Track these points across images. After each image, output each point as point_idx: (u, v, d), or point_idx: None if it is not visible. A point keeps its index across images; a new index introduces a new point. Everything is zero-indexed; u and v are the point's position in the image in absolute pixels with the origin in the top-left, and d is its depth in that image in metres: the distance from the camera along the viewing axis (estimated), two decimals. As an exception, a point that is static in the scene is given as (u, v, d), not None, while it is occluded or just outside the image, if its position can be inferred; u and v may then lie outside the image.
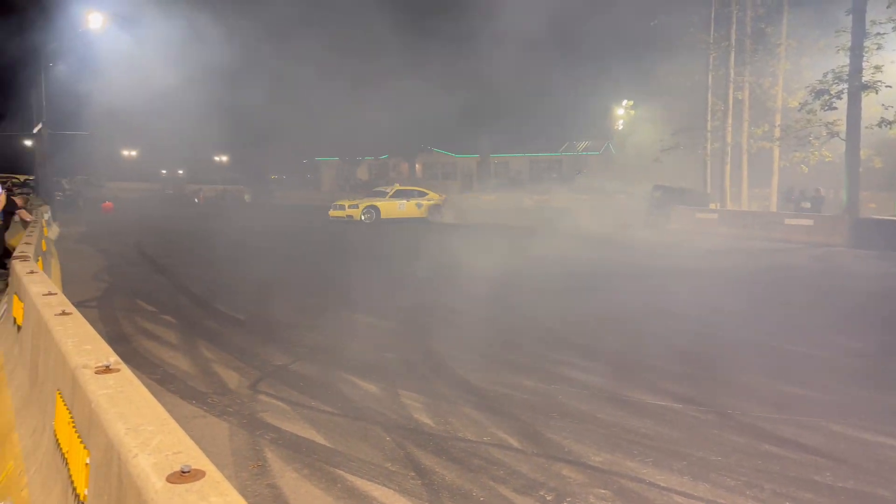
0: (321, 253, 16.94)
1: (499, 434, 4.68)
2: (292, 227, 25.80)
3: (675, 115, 31.38)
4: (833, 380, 6.04)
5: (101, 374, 2.51)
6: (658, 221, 23.73)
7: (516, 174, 53.27)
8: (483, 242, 18.98)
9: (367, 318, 8.67)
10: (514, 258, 15.43)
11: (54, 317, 3.57)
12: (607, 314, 9.06)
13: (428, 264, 13.96)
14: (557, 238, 20.71)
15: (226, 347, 6.98)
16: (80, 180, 36.95)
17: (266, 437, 4.56)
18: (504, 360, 6.63)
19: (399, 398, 5.44)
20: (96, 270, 12.72)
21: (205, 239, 20.14)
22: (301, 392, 5.55)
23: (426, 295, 10.36)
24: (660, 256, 15.89)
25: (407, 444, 4.48)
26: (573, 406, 5.27)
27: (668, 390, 5.68)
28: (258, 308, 9.20)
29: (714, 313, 9.10)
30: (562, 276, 12.58)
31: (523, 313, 9.07)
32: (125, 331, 7.76)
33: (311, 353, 6.83)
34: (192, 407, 5.18)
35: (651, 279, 12.42)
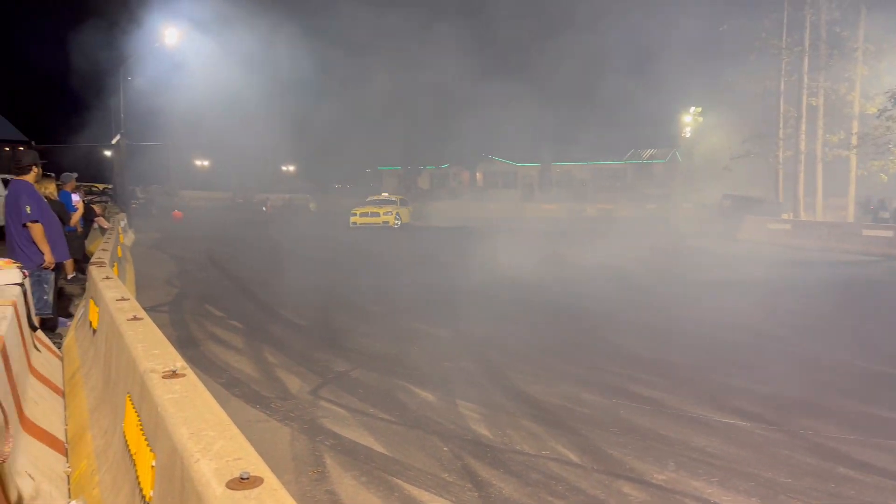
0: (380, 261, 17.11)
1: (558, 448, 4.61)
2: (350, 236, 26.18)
3: (745, 122, 30.44)
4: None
5: (167, 378, 2.59)
6: (727, 231, 23.02)
7: (579, 183, 52.66)
8: (538, 251, 18.80)
9: (425, 326, 8.70)
10: (572, 267, 15.23)
11: (126, 321, 3.71)
12: (672, 327, 8.83)
13: (484, 271, 13.92)
14: (620, 247, 20.34)
15: (288, 353, 7.12)
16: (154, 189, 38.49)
17: (326, 444, 4.62)
18: (564, 372, 6.53)
19: (457, 408, 5.43)
20: (168, 276, 13.19)
21: (270, 246, 20.65)
22: (360, 399, 5.60)
23: (482, 303, 10.32)
24: (729, 268, 15.41)
25: (464, 455, 4.46)
26: (635, 421, 5.14)
27: (736, 407, 5.48)
28: (320, 314, 9.36)
29: (786, 328, 8.75)
30: (625, 287, 12.34)
31: (584, 324, 8.93)
32: (194, 335, 8.02)
33: (370, 360, 6.89)
34: (255, 411, 5.29)
35: (720, 291, 12.04)
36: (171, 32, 28.27)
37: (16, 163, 6.73)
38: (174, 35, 28.31)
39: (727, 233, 22.89)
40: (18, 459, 2.99)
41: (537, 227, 29.55)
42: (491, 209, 43.52)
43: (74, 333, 6.64)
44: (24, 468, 3.00)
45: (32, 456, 3.41)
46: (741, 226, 22.63)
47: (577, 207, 41.68)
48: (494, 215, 41.01)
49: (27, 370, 4.47)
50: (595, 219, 38.79)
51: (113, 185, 34.30)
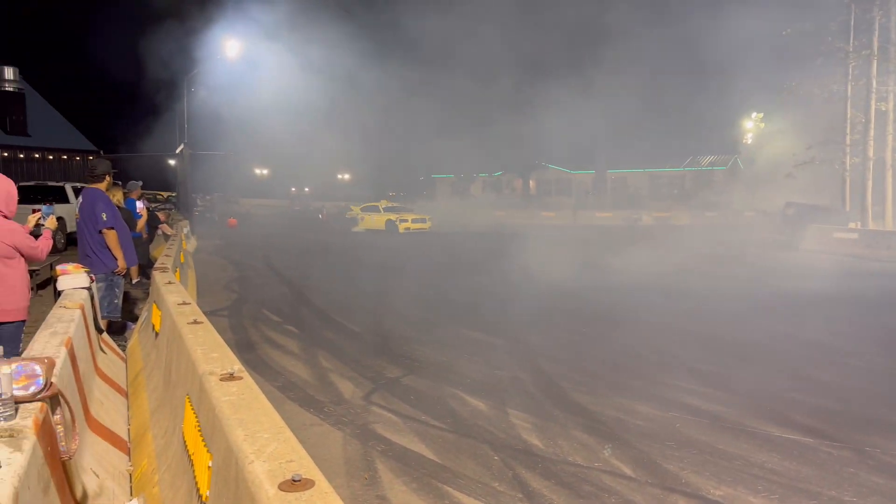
0: (430, 267, 17.17)
1: (611, 461, 4.53)
2: (401, 241, 26.36)
3: (809, 127, 29.41)
4: None
5: (225, 381, 2.65)
6: (790, 241, 22.27)
7: (635, 190, 51.82)
8: (591, 259, 18.55)
9: (477, 334, 8.69)
10: (625, 277, 14.97)
11: (186, 325, 3.82)
12: (731, 339, 8.58)
13: (535, 280, 13.81)
14: (677, 256, 19.91)
15: (342, 358, 7.21)
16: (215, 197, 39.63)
17: (377, 449, 4.65)
18: (618, 383, 6.42)
19: (508, 417, 5.40)
20: (228, 281, 13.55)
21: (325, 253, 20.99)
22: (412, 405, 5.63)
23: (534, 312, 10.25)
24: (792, 278, 14.90)
25: (515, 465, 4.43)
26: (692, 435, 5.01)
27: (799, 423, 5.28)
28: (373, 320, 9.45)
29: (854, 342, 8.41)
30: (682, 298, 12.05)
31: (639, 334, 8.76)
32: (252, 339, 8.20)
33: (422, 367, 6.92)
34: (309, 415, 5.38)
35: (782, 303, 11.66)
36: (233, 44, 29.13)
37: (90, 171, 7.02)
38: (236, 47, 29.17)
39: (790, 242, 22.15)
40: (84, 457, 3.11)
41: (590, 236, 29.21)
42: (543, 217, 43.26)
43: (138, 336, 6.88)
44: (89, 465, 3.12)
45: (97, 454, 3.54)
46: (805, 235, 21.87)
47: (633, 216, 40.98)
48: (547, 223, 40.74)
49: (93, 371, 4.65)
50: (651, 227, 38.10)
51: (176, 193, 35.48)
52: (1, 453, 1.86)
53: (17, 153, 27.98)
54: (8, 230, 4.72)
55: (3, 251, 4.70)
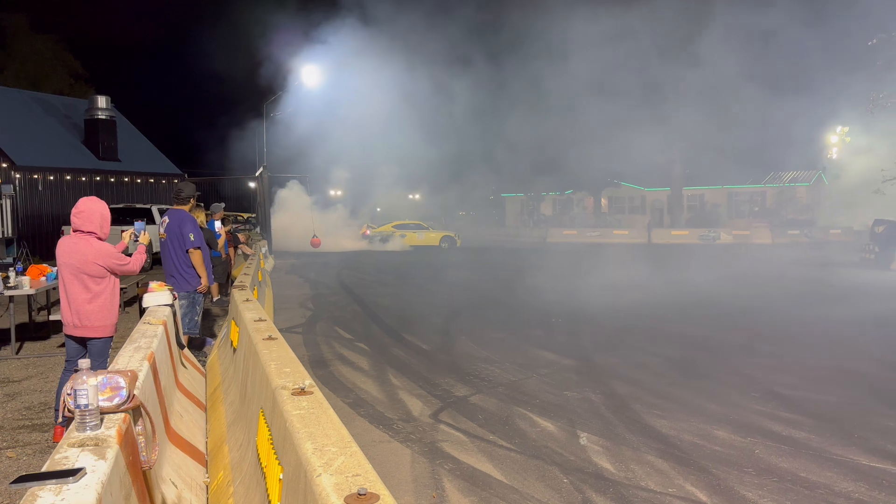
0: (500, 285, 17.10)
1: (686, 486, 4.38)
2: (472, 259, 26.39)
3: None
4: None
5: (296, 395, 2.73)
6: (880, 260, 21.09)
7: (712, 208, 50.23)
8: (669, 277, 18.05)
9: (548, 354, 8.59)
10: (702, 296, 14.51)
11: (262, 341, 3.95)
12: (816, 363, 8.18)
13: (608, 300, 13.56)
14: (760, 276, 19.18)
15: (411, 376, 7.27)
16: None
17: (445, 467, 4.66)
18: (694, 407, 6.22)
19: (578, 439, 5.31)
20: (303, 299, 13.90)
21: (396, 271, 21.25)
22: (480, 425, 5.61)
23: (607, 332, 10.06)
24: (881, 300, 14.10)
25: (585, 489, 4.35)
26: (772, 462, 4.80)
27: (889, 451, 4.98)
28: (442, 339, 9.50)
29: (951, 367, 7.88)
30: (763, 319, 11.59)
31: (718, 357, 8.47)
32: (325, 355, 8.38)
33: (490, 386, 6.90)
34: (379, 432, 5.44)
35: (868, 326, 11.04)
36: (311, 70, 30.11)
37: (176, 194, 7.38)
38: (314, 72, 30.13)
39: (880, 262, 20.97)
40: (164, 467, 3.25)
41: (664, 254, 28.49)
42: (615, 235, 42.51)
43: (217, 352, 7.14)
44: (168, 476, 3.26)
45: (176, 465, 3.69)
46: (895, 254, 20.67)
47: (710, 233, 39.76)
48: (620, 241, 39.99)
49: (174, 385, 4.86)
50: (730, 245, 36.86)
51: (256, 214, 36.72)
52: (86, 460, 1.97)
53: (109, 177, 29.66)
54: (102, 252, 5.01)
55: (96, 271, 4.99)
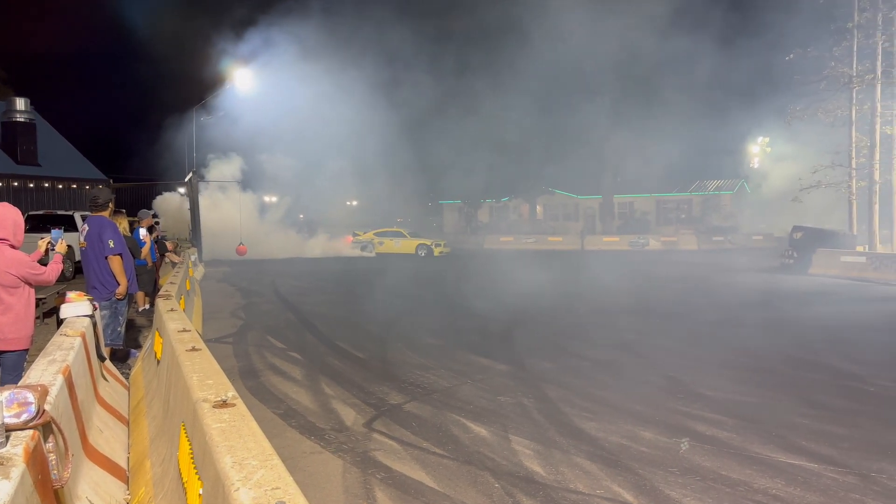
0: (438, 293, 17.15)
1: (613, 487, 4.48)
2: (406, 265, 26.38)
3: (815, 152, 29.42)
4: None
5: (218, 408, 2.66)
6: (798, 265, 22.15)
7: (642, 215, 51.77)
8: (599, 282, 18.48)
9: (483, 360, 8.64)
10: (635, 303, 14.92)
11: (184, 352, 3.83)
12: (738, 363, 8.51)
13: (544, 304, 13.78)
14: (685, 281, 19.84)
15: (345, 385, 7.19)
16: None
17: (377, 477, 4.62)
18: (623, 409, 6.37)
19: (510, 444, 5.36)
20: (234, 308, 13.58)
21: (332, 279, 21.01)
22: (413, 432, 5.60)
23: (539, 336, 10.21)
24: (800, 303, 14.80)
25: (516, 493, 4.38)
26: (695, 461, 4.96)
27: (804, 448, 5.22)
28: (378, 347, 9.44)
29: (861, 366, 8.31)
30: (690, 324, 11.99)
31: (646, 360, 8.70)
32: (256, 366, 8.19)
33: (425, 393, 6.89)
34: (310, 442, 5.35)
35: (789, 328, 11.57)
36: (243, 74, 29.53)
37: (93, 200, 7.11)
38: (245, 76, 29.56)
39: (799, 267, 22.03)
40: (79, 485, 3.10)
41: (598, 260, 29.15)
42: (550, 242, 43.24)
43: (141, 364, 6.89)
44: (84, 494, 3.11)
45: (93, 482, 3.53)
46: (813, 259, 21.75)
47: (640, 240, 40.94)
48: (555, 248, 40.72)
49: (93, 399, 4.66)
50: (659, 251, 38.02)
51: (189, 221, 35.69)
52: (-11, 481, 1.87)
53: (28, 182, 28.33)
54: (14, 260, 4.77)
55: (9, 281, 4.75)
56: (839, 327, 11.40)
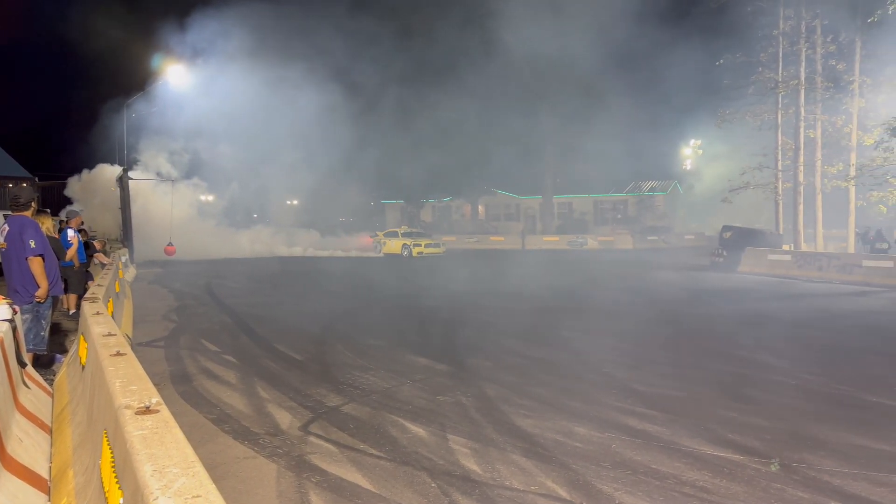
0: (379, 291, 17.07)
1: (547, 483, 4.55)
2: (350, 267, 26.19)
3: (744, 154, 30.58)
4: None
5: (140, 414, 2.58)
6: (728, 263, 22.98)
7: (580, 215, 52.77)
8: (537, 281, 18.77)
9: (423, 360, 8.65)
10: (577, 300, 15.20)
11: (109, 357, 3.70)
12: (668, 359, 8.77)
13: (482, 303, 13.90)
14: (621, 280, 20.32)
15: (281, 388, 7.08)
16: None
17: (312, 480, 4.57)
18: (559, 406, 6.47)
19: (448, 443, 5.38)
20: (167, 310, 13.20)
21: (270, 280, 20.67)
22: (351, 434, 5.55)
23: (480, 335, 10.29)
24: (729, 300, 15.35)
25: (452, 492, 4.40)
26: (627, 455, 5.08)
27: (730, 440, 5.42)
28: (317, 349, 9.33)
29: (784, 360, 8.68)
30: (622, 320, 12.29)
31: (582, 357, 8.87)
32: (188, 370, 7.98)
33: (364, 394, 6.85)
34: (243, 447, 5.25)
35: (718, 324, 11.98)
36: (175, 69, 28.72)
37: (14, 200, 6.81)
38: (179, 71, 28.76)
39: (728, 265, 22.85)
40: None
41: (538, 259, 29.57)
42: (492, 242, 43.65)
43: (66, 369, 6.62)
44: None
45: (11, 493, 3.38)
46: (742, 257, 22.61)
47: (578, 240, 41.76)
48: (496, 247, 41.12)
49: (13, 407, 4.45)
50: (596, 251, 38.83)
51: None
52: None
53: (-55, 180, 26.90)
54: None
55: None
56: (765, 323, 11.87)
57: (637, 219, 49.59)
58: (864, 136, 26.06)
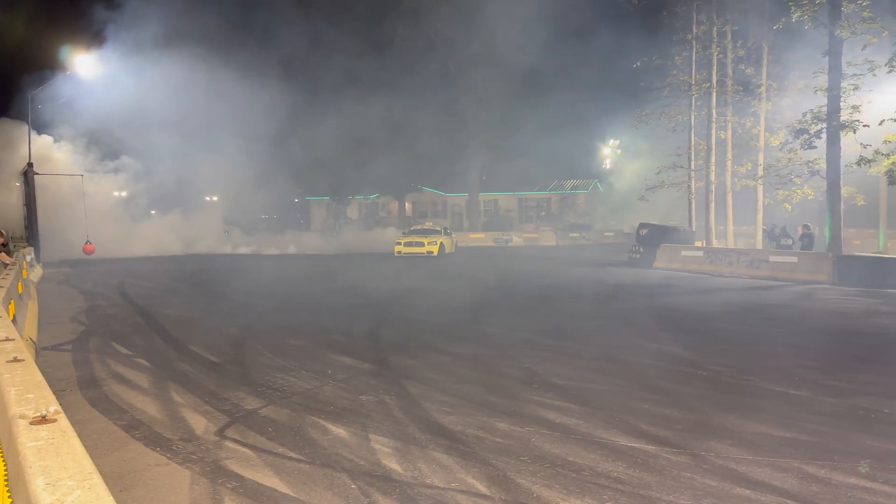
0: (302, 289, 16.80)
1: (467, 480, 4.58)
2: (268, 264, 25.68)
3: (660, 154, 31.74)
4: (810, 420, 5.98)
5: (35, 424, 2.43)
6: (644, 259, 23.79)
7: (505, 213, 53.51)
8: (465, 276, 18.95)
9: (347, 359, 8.57)
10: (497, 296, 15.39)
11: (5, 363, 3.49)
12: (586, 353, 9.00)
13: (414, 301, 13.91)
14: (544, 276, 20.72)
15: (197, 391, 6.86)
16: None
17: (227, 486, 4.44)
18: (481, 402, 6.54)
19: (369, 443, 5.34)
20: (76, 312, 12.59)
21: (187, 280, 20.02)
22: (269, 438, 5.44)
23: (405, 334, 10.28)
24: (644, 295, 15.88)
25: (372, 492, 4.37)
26: (546, 449, 5.18)
27: (643, 431, 5.60)
28: (235, 350, 9.09)
29: (694, 352, 9.05)
30: (545, 314, 12.53)
31: (504, 353, 8.99)
32: (97, 375, 7.63)
33: (284, 396, 6.72)
34: (155, 454, 5.06)
35: (634, 318, 12.38)
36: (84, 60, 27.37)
37: None
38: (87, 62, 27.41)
39: (645, 261, 23.65)
40: None
41: (466, 256, 29.79)
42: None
43: (-39, 377, 6.21)
44: None
45: None
46: (657, 253, 23.44)
47: (504, 236, 42.35)
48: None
49: None
50: (521, 247, 39.47)
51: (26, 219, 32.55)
52: None
53: None
54: None
55: None
56: (677, 317, 12.36)
57: (560, 216, 50.69)
58: (770, 138, 27.50)
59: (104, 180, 33.59)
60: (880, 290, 16.14)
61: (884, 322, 11.93)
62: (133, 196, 36.78)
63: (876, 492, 4.38)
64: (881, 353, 9.20)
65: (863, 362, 8.55)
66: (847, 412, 6.24)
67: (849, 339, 10.31)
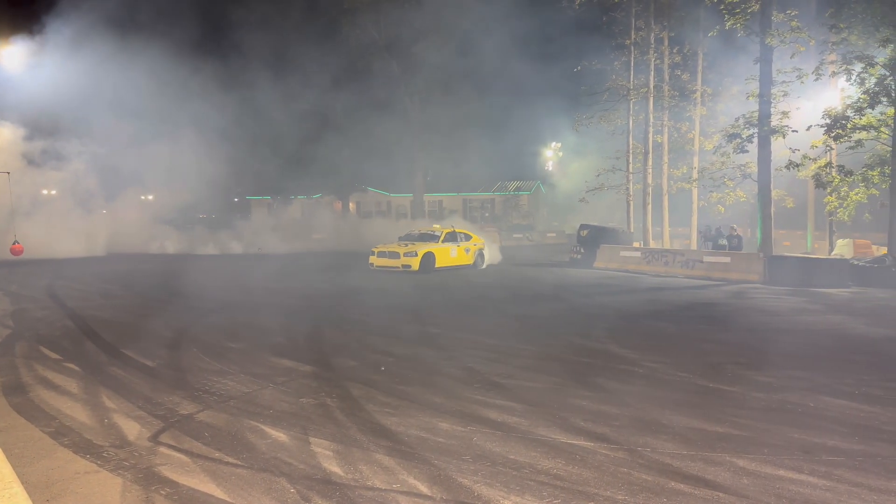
0: (242, 290, 16.47)
1: (409, 480, 4.57)
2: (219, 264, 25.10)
3: (600, 156, 32.41)
4: (741, 415, 6.19)
5: (-51, 434, 2.31)
6: (585, 259, 24.23)
7: (450, 213, 53.71)
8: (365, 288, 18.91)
9: (287, 361, 8.43)
10: (437, 299, 15.42)
11: (-83, 370, 3.30)
12: (529, 353, 9.09)
13: (361, 302, 13.80)
14: (486, 276, 20.84)
15: (130, 396, 6.64)
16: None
17: (161, 493, 4.31)
18: (423, 402, 6.53)
19: (309, 446, 5.27)
20: (0, 315, 12.02)
21: (120, 281, 19.36)
22: (205, 443, 5.30)
23: (349, 336, 10.19)
24: (584, 294, 16.17)
25: (312, 496, 4.32)
26: (487, 447, 5.21)
27: (582, 428, 5.70)
28: (171, 353, 8.83)
29: (632, 350, 9.26)
30: (486, 312, 12.62)
31: (446, 353, 9.00)
32: (23, 380, 7.31)
33: (221, 401, 6.57)
34: (84, 462, 4.87)
35: (574, 317, 12.58)
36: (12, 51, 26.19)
37: None
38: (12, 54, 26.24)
39: (585, 261, 24.09)
40: None
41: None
42: (367, 238, 43.39)
43: None
44: None
45: None
46: (597, 254, 23.90)
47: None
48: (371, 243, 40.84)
49: None
50: (465, 248, 39.59)
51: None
52: None
53: None
54: None
55: None
56: (615, 316, 12.62)
57: (504, 217, 51.20)
58: (705, 142, 28.44)
59: (38, 176, 32.18)
60: (808, 289, 16.87)
61: (810, 319, 12.46)
62: (63, 193, 35.32)
63: (804, 483, 4.56)
64: (807, 349, 9.60)
65: (790, 358, 8.89)
66: (776, 406, 6.48)
67: (778, 336, 10.72)
